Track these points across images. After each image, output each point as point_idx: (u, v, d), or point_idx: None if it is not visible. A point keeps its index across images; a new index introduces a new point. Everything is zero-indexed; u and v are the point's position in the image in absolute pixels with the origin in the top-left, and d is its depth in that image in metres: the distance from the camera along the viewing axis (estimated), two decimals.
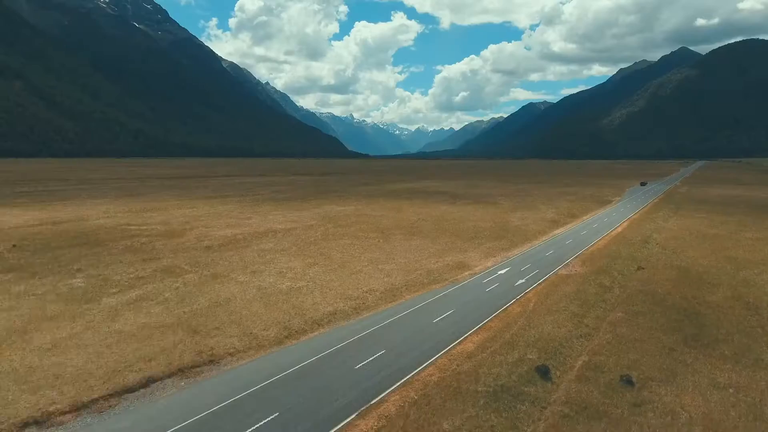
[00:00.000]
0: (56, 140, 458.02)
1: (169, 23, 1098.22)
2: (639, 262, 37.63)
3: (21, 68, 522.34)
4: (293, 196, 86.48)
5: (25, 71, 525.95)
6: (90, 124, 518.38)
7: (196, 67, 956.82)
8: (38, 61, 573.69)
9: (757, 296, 29.00)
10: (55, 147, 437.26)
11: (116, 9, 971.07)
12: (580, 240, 47.27)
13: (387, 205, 72.87)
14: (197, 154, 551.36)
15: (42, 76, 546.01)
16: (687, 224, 56.41)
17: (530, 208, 71.39)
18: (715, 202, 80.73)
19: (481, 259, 38.74)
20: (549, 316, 25.13)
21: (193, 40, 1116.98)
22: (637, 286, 30.76)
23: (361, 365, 19.45)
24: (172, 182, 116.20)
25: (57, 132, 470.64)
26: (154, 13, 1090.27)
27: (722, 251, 41.49)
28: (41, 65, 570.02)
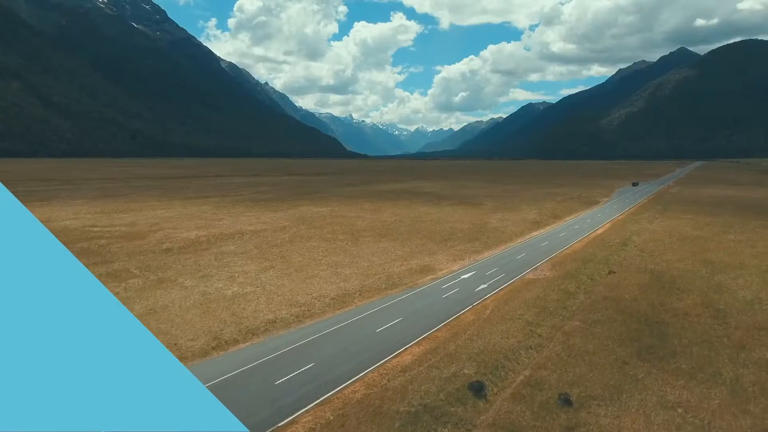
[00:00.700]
0: (53, 140, 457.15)
1: (167, 23, 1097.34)
2: (612, 265, 36.07)
3: (19, 68, 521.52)
4: (275, 196, 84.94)
5: (23, 71, 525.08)
6: (87, 124, 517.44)
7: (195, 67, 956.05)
8: (36, 61, 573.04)
9: (728, 302, 27.42)
10: (53, 147, 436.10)
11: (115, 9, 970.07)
12: (557, 242, 45.70)
13: (367, 206, 71.29)
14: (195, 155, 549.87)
15: (39, 76, 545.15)
16: (671, 226, 54.83)
17: (514, 209, 69.83)
18: (705, 203, 79.15)
19: (447, 263, 37.18)
20: (501, 325, 23.56)
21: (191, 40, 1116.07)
22: (604, 292, 29.18)
23: (282, 381, 17.89)
24: (158, 183, 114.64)
25: (54, 132, 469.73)
26: (153, 13, 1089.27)
27: (701, 254, 39.92)
28: (39, 65, 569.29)
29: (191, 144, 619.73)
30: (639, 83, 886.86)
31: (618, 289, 29.77)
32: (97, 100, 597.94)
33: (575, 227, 54.83)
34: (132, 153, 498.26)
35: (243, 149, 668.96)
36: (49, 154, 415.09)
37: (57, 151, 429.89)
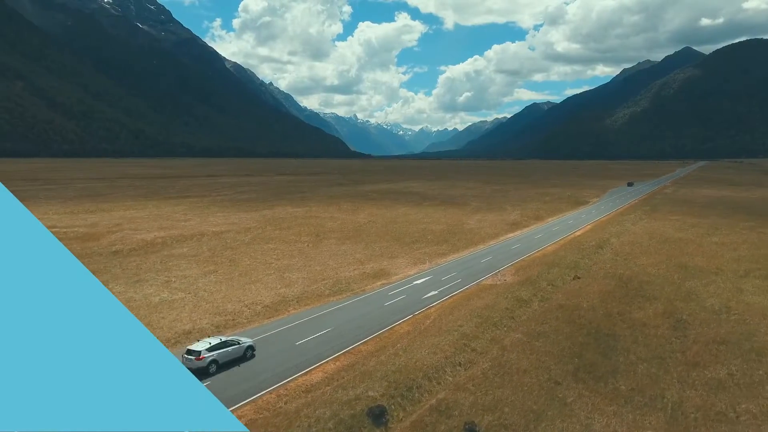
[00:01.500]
0: (56, 140, 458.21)
1: (172, 24, 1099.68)
2: (579, 270, 33.92)
3: (22, 68, 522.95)
4: (256, 197, 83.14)
5: (27, 72, 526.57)
6: (91, 124, 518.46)
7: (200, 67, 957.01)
8: (40, 62, 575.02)
9: (693, 312, 25.24)
10: (55, 147, 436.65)
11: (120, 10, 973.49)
12: (530, 244, 43.58)
13: (346, 206, 69.37)
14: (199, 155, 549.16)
15: (43, 76, 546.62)
16: (654, 227, 52.50)
17: (497, 209, 67.67)
18: (697, 204, 76.57)
19: (406, 267, 35.18)
20: (435, 338, 21.53)
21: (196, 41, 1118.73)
22: (561, 300, 27.08)
23: None
24: (144, 182, 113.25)
25: (57, 132, 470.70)
26: (158, 13, 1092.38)
27: (678, 257, 37.65)
28: (43, 66, 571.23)
29: (194, 144, 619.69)
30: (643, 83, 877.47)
31: (577, 297, 27.65)
32: (101, 101, 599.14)
33: (554, 229, 52.64)
34: (135, 153, 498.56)
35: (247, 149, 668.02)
36: (52, 154, 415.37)
37: (59, 152, 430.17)
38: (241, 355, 19.18)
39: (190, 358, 17.99)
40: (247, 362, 19.07)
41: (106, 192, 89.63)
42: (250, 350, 19.61)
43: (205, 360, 18.07)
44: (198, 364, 17.75)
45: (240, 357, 19.12)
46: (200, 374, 17.25)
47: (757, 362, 19.44)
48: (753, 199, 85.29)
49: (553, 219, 60.67)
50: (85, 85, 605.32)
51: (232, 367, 18.60)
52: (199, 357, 18.05)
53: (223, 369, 18.36)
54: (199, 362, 17.88)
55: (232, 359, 18.82)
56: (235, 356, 19.02)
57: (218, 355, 18.41)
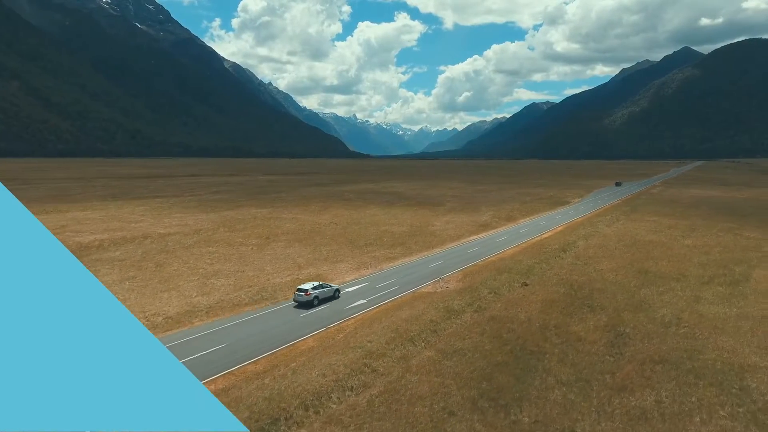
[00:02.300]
0: (51, 140, 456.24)
1: (171, 23, 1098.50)
2: (532, 276, 31.49)
3: (18, 68, 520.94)
4: (227, 197, 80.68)
5: (23, 71, 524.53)
6: (87, 124, 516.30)
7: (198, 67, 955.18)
8: (36, 62, 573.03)
9: (638, 324, 22.80)
10: (50, 147, 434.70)
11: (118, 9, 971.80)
12: (489, 248, 41.12)
13: (314, 207, 66.98)
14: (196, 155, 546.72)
15: (40, 76, 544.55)
16: (628, 229, 50.05)
17: (471, 210, 65.24)
18: (681, 204, 74.13)
19: (346, 272, 32.76)
20: (336, 356, 19.10)
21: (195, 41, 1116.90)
22: (497, 311, 24.64)
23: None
24: (120, 182, 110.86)
25: (52, 132, 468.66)
26: (156, 13, 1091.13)
27: (642, 262, 35.20)
28: (39, 66, 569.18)
29: (192, 144, 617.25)
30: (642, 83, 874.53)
31: (517, 307, 25.21)
32: (98, 100, 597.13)
33: (522, 231, 50.18)
34: (131, 153, 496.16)
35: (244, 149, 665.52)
36: (46, 154, 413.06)
37: (55, 151, 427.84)
38: (332, 295, 26.38)
39: (301, 294, 24.95)
40: (335, 300, 26.39)
41: (75, 192, 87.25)
42: (337, 292, 26.99)
43: (311, 295, 24.90)
44: (306, 298, 24.78)
45: (331, 296, 26.30)
46: (307, 306, 24.79)
47: (692, 386, 16.99)
48: (740, 200, 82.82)
49: (525, 220, 58.22)
50: (82, 85, 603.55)
51: (328, 303, 25.74)
52: (307, 293, 24.86)
53: (322, 304, 25.37)
54: (307, 297, 24.80)
55: (326, 297, 25.85)
56: (328, 296, 26.15)
57: (319, 293, 25.43)
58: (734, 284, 29.89)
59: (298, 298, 25.03)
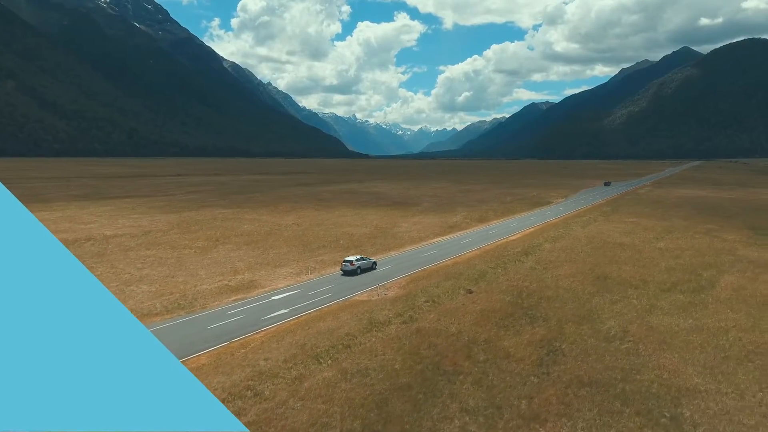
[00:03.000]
0: (46, 140, 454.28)
1: (169, 23, 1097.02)
2: (483, 282, 29.27)
3: (14, 68, 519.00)
4: (198, 197, 78.43)
5: (19, 71, 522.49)
6: (82, 123, 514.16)
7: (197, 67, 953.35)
8: (33, 61, 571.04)
9: (578, 339, 20.60)
10: (45, 146, 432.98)
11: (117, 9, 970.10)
12: (448, 251, 38.88)
13: (283, 207, 64.83)
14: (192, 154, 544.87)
15: (36, 75, 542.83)
16: (601, 231, 47.80)
17: (445, 211, 63.01)
18: (665, 204, 71.90)
19: (285, 277, 30.57)
20: (222, 377, 16.87)
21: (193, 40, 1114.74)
22: (427, 322, 22.40)
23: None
24: (97, 182, 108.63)
25: (47, 131, 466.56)
26: (155, 13, 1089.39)
27: (605, 266, 32.97)
28: (36, 65, 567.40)
29: (188, 144, 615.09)
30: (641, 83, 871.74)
31: (450, 318, 22.97)
32: (95, 100, 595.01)
33: (491, 232, 47.93)
34: (127, 153, 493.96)
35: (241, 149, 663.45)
36: (42, 153, 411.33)
37: (50, 151, 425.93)
38: (370, 267, 32.02)
39: (347, 264, 30.81)
40: (373, 271, 31.79)
41: (45, 193, 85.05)
42: (375, 264, 32.60)
43: (355, 266, 30.73)
44: (351, 268, 30.58)
45: (370, 267, 31.88)
46: (351, 274, 30.51)
47: (616, 415, 14.75)
48: (728, 199, 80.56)
49: (499, 221, 55.97)
50: (79, 84, 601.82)
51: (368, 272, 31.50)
52: (352, 264, 30.79)
53: (363, 272, 31.20)
54: (352, 267, 30.62)
55: (366, 268, 31.55)
56: (368, 267, 31.79)
57: (361, 264, 31.25)
58: (697, 291, 27.67)
59: (345, 267, 31.01)
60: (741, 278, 30.51)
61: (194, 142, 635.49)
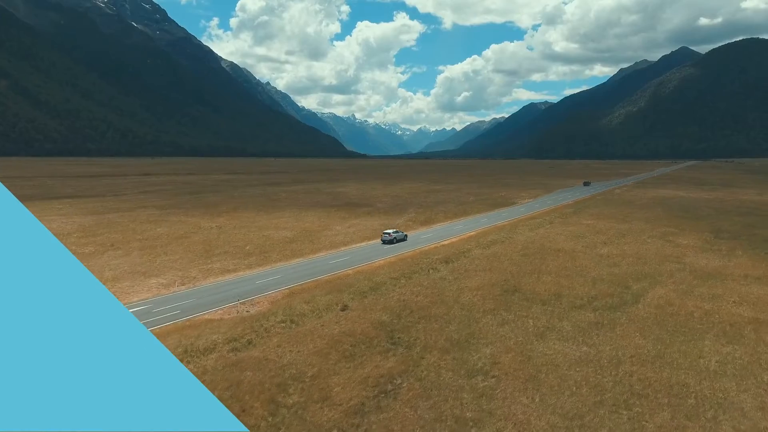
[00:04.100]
0: (38, 139, 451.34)
1: (167, 23, 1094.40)
2: (369, 296, 25.30)
3: (8, 67, 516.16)
4: (144, 198, 74.36)
5: (13, 70, 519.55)
6: (76, 123, 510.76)
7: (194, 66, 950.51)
8: (28, 61, 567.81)
9: (427, 375, 16.80)
10: (37, 146, 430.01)
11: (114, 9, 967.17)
12: (362, 258, 34.89)
13: (224, 208, 61.07)
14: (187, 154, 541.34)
15: (30, 75, 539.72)
16: (547, 235, 43.81)
17: (393, 213, 59.03)
18: (635, 206, 67.93)
19: (150, 289, 26.74)
20: None
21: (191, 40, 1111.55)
22: (258, 352, 18.41)
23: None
24: (55, 182, 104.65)
25: (39, 131, 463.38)
26: (153, 12, 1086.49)
27: (521, 277, 29.00)
28: (31, 64, 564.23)
29: (183, 143, 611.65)
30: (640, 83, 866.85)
31: (294, 344, 18.99)
32: (90, 100, 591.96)
33: (426, 236, 43.94)
34: (121, 152, 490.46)
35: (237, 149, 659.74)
36: (33, 153, 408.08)
37: (41, 150, 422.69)
38: (403, 238, 40.42)
39: (387, 235, 39.58)
40: (402, 242, 39.93)
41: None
42: (406, 237, 41.00)
43: (392, 237, 39.37)
44: (389, 238, 39.18)
45: (402, 239, 40.33)
46: (389, 242, 39.16)
47: None
48: (704, 200, 76.50)
49: (445, 223, 51.94)
50: (74, 84, 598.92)
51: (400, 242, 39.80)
52: (390, 235, 39.41)
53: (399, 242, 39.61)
54: (390, 238, 39.24)
55: (400, 239, 40.03)
56: (401, 238, 40.27)
57: (396, 236, 39.84)
58: (614, 308, 23.67)
59: (385, 238, 39.54)
60: (673, 291, 26.52)
61: (190, 142, 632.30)
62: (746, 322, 21.62)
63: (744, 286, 27.69)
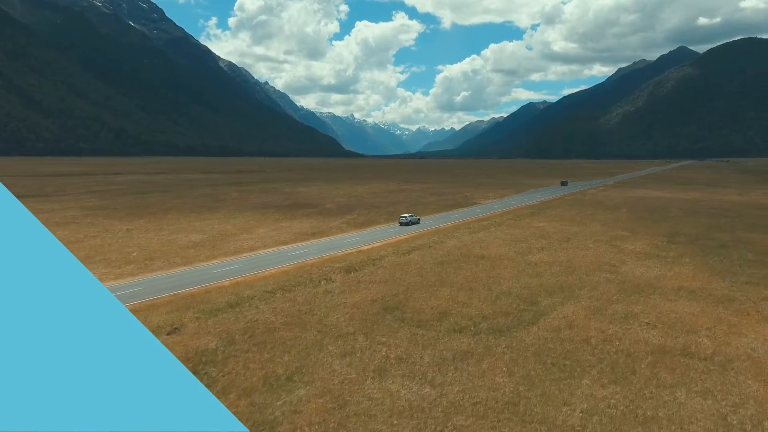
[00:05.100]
0: (30, 139, 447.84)
1: (165, 22, 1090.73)
2: (218, 316, 21.32)
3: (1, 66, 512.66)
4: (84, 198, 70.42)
5: (6, 69, 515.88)
6: (69, 122, 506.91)
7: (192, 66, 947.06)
8: (21, 60, 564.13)
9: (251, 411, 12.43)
10: (29, 146, 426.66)
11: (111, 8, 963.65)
12: (256, 266, 30.93)
13: (157, 209, 57.24)
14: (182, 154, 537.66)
15: (24, 74, 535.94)
16: (482, 240, 39.82)
17: (334, 215, 54.99)
18: (601, 206, 63.96)
19: None
20: None
21: (189, 39, 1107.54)
22: None
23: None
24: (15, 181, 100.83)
25: (31, 130, 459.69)
26: (150, 12, 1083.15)
27: (414, 291, 25.05)
28: (24, 63, 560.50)
29: (178, 143, 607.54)
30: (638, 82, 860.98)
31: None
32: (85, 99, 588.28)
33: (348, 240, 39.91)
34: (114, 152, 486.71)
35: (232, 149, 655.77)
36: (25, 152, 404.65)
37: (33, 150, 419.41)
38: (417, 221, 48.17)
39: (404, 218, 46.98)
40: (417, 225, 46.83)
41: None
42: (419, 220, 48.69)
43: (408, 220, 46.79)
44: (406, 221, 46.48)
45: (417, 222, 48.06)
46: (406, 225, 46.29)
47: None
48: (679, 200, 72.44)
49: (383, 226, 47.84)
50: (69, 83, 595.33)
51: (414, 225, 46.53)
52: (406, 218, 46.86)
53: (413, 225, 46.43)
54: (407, 220, 46.54)
55: (414, 222, 47.58)
56: (416, 221, 47.95)
57: (411, 219, 47.49)
58: (501, 332, 19.70)
59: (402, 221, 46.63)
60: (584, 309, 22.52)
61: (185, 141, 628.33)
62: (647, 353, 17.59)
63: (670, 301, 23.68)
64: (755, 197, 78.94)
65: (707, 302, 23.61)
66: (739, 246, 37.64)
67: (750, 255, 34.14)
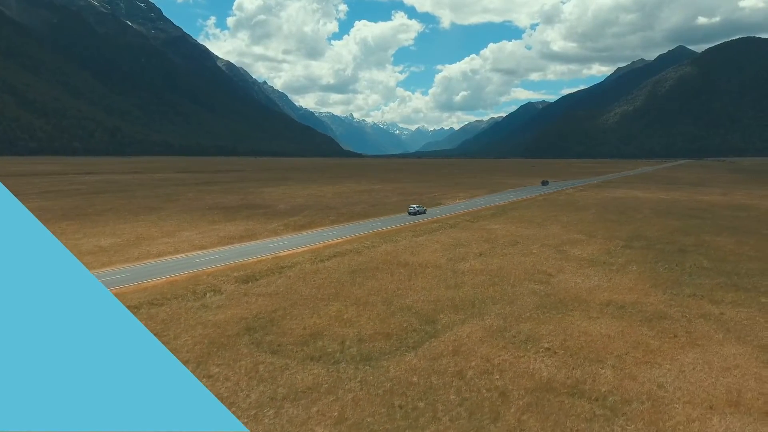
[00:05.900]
0: (23, 138, 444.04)
1: (162, 21, 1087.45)
2: None
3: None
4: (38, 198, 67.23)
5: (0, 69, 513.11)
6: (63, 122, 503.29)
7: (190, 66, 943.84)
8: (15, 59, 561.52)
9: None
10: (21, 145, 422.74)
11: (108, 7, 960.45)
12: (139, 276, 27.56)
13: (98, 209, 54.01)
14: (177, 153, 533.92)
15: (18, 73, 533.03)
16: (420, 244, 36.50)
17: (277, 217, 51.70)
18: (572, 208, 60.63)
19: None
20: None
21: (187, 39, 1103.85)
22: None
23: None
24: None
25: (24, 130, 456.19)
26: (148, 11, 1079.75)
27: (300, 307, 21.79)
28: (18, 63, 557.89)
29: (174, 143, 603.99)
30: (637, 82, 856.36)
31: None
32: (80, 99, 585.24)
33: (273, 245, 36.59)
34: (109, 151, 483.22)
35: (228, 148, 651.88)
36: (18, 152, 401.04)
37: (25, 150, 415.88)
38: (424, 212, 53.25)
39: (413, 208, 53.06)
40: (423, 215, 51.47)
41: None
42: (425, 211, 53.62)
43: (416, 210, 52.58)
44: (414, 210, 52.49)
45: (423, 212, 53.05)
46: (414, 214, 52.09)
47: None
48: (655, 201, 69.12)
49: (324, 228, 44.55)
50: (65, 83, 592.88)
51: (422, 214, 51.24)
52: (414, 208, 52.71)
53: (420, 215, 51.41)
54: (415, 210, 52.40)
55: (421, 212, 52.91)
56: (422, 211, 53.08)
57: (419, 209, 53.21)
58: (368, 360, 16.45)
59: (411, 210, 52.56)
60: (483, 330, 19.24)
61: (181, 141, 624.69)
62: (527, 391, 14.21)
63: (589, 320, 20.32)
64: (737, 197, 75.57)
65: (633, 320, 20.26)
66: (699, 251, 34.30)
67: (705, 262, 30.79)
